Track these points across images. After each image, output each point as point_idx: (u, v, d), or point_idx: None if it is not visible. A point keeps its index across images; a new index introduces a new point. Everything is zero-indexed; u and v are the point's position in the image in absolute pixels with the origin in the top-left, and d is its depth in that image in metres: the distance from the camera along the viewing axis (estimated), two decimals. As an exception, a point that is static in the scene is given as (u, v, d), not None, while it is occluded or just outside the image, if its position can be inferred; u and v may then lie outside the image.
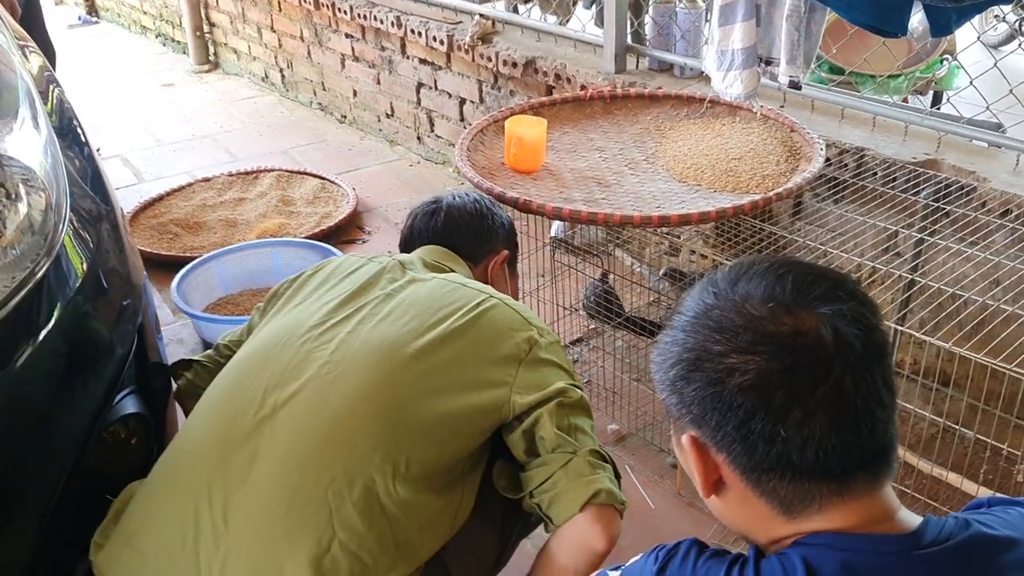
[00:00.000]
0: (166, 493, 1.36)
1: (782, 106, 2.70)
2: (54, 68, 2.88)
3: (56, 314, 1.43)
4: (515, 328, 1.47)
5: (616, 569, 1.07)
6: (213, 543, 1.27)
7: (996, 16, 5.35)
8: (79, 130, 1.80)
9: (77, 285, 1.49)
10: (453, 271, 1.65)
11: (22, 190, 1.42)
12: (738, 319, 0.90)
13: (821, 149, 2.20)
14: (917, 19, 2.14)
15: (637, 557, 1.03)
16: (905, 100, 3.32)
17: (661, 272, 2.62)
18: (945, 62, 3.47)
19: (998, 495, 1.06)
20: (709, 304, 0.93)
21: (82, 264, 1.52)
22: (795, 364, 0.87)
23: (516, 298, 1.86)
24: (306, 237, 3.33)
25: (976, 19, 3.01)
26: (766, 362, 0.88)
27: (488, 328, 1.45)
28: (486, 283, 1.73)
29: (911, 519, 0.93)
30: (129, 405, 1.57)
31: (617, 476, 1.40)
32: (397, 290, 1.51)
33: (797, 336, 0.88)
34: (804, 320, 0.88)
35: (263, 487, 1.29)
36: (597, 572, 1.13)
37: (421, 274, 1.58)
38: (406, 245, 1.78)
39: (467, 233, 1.76)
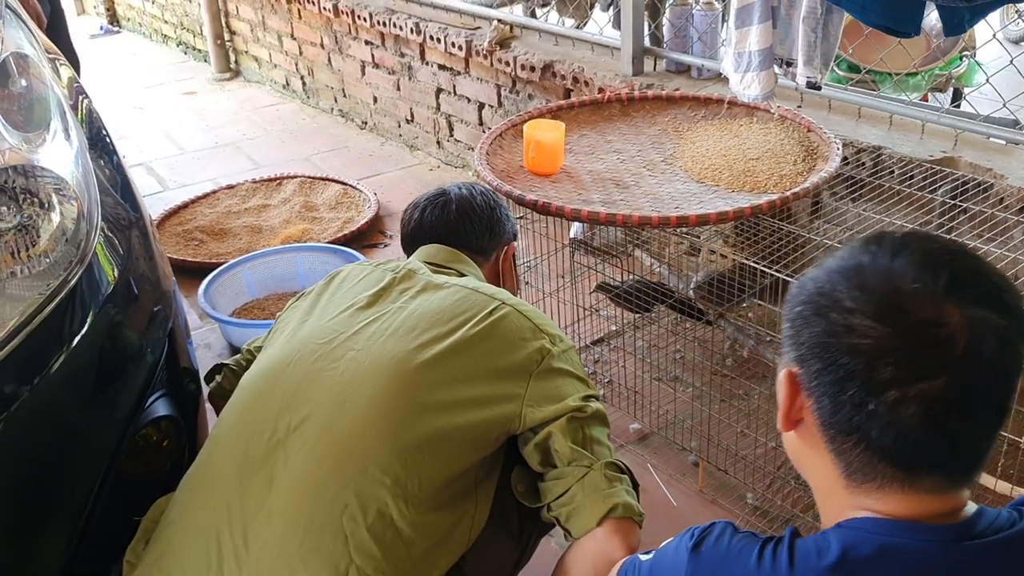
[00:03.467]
0: (189, 517, 1.38)
1: (799, 106, 2.71)
2: (79, 77, 2.92)
3: (89, 320, 1.47)
4: (526, 338, 1.45)
5: (648, 553, 1.09)
6: (236, 568, 1.28)
7: (1017, 11, 5.32)
8: (108, 140, 1.84)
9: (109, 292, 1.52)
10: (462, 274, 1.63)
11: (55, 200, 1.46)
12: (883, 286, 0.88)
13: (838, 148, 2.21)
14: (935, 17, 2.16)
15: (669, 540, 1.05)
16: (925, 98, 3.32)
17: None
18: (964, 59, 3.47)
19: None
20: (863, 262, 0.91)
21: (113, 271, 1.55)
22: (914, 349, 0.86)
23: (517, 288, 1.87)
24: (329, 242, 3.37)
25: (997, 14, 3.01)
26: (888, 337, 0.86)
27: (499, 339, 1.44)
28: (497, 276, 1.76)
29: (968, 509, 0.92)
30: (160, 408, 1.61)
31: (635, 486, 1.40)
32: (408, 301, 1.50)
33: (932, 326, 0.85)
34: (947, 313, 0.85)
35: (279, 513, 1.30)
36: (627, 558, 1.15)
37: (434, 278, 1.55)
38: (413, 238, 1.74)
39: (479, 226, 1.72)
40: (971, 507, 0.92)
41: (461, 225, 1.71)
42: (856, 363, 0.87)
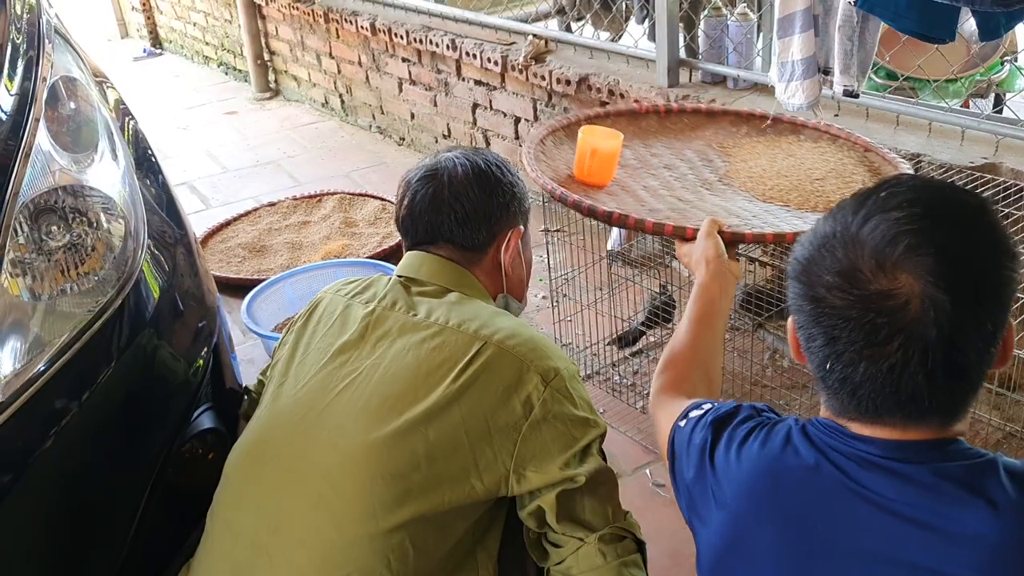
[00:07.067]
0: None
1: (837, 115, 2.70)
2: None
3: (136, 336, 1.51)
4: (512, 384, 1.32)
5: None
6: None
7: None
8: (153, 159, 1.88)
9: (155, 308, 1.56)
10: (448, 288, 1.48)
11: (103, 218, 1.50)
12: (846, 260, 0.95)
13: (907, 167, 2.11)
14: (973, 23, 2.14)
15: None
16: (966, 104, 3.29)
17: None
18: (1006, 64, 3.43)
19: None
20: (836, 231, 0.97)
21: (159, 288, 1.59)
22: (867, 321, 0.93)
23: (531, 266, 1.67)
24: (369, 257, 3.41)
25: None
26: (846, 307, 0.94)
27: (481, 392, 1.31)
28: (498, 268, 1.56)
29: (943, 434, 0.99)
30: (206, 421, 1.64)
31: (640, 546, 1.36)
32: (383, 354, 1.37)
33: (883, 298, 0.92)
34: (901, 284, 0.92)
35: None
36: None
37: (412, 316, 1.41)
38: (405, 229, 1.57)
39: (473, 218, 1.51)
40: (951, 434, 0.99)
41: (449, 220, 1.51)
42: (819, 328, 0.97)
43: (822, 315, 0.97)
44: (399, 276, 1.51)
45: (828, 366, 0.97)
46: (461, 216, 1.50)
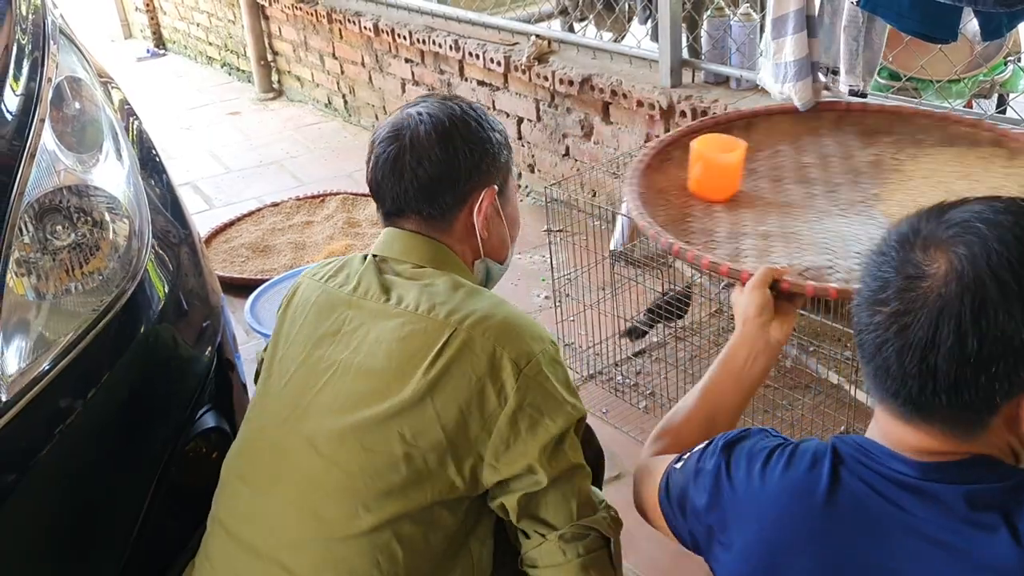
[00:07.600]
0: None
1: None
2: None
3: (141, 335, 1.51)
4: (485, 373, 1.27)
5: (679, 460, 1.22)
6: None
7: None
8: (157, 159, 1.89)
9: (160, 308, 1.57)
10: (420, 265, 1.41)
11: (108, 218, 1.51)
12: (912, 228, 0.96)
13: None
14: (976, 23, 2.15)
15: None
16: (969, 104, 3.29)
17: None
18: (1009, 64, 3.43)
19: None
20: (920, 214, 0.98)
21: (164, 287, 1.60)
22: (883, 276, 0.95)
23: (516, 223, 1.57)
24: (371, 257, 3.41)
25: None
26: (883, 262, 0.96)
27: (453, 382, 1.27)
28: (472, 235, 1.47)
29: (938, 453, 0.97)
30: (210, 420, 1.65)
31: (607, 542, 1.33)
32: (358, 348, 1.33)
33: (909, 265, 0.93)
34: (932, 262, 0.92)
35: None
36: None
37: (383, 302, 1.36)
38: (373, 197, 1.49)
39: (437, 181, 1.41)
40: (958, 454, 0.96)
41: (413, 187, 1.41)
42: (863, 273, 0.99)
43: (868, 264, 0.99)
44: (373, 255, 1.45)
45: (850, 305, 1.00)
46: (424, 181, 1.40)
